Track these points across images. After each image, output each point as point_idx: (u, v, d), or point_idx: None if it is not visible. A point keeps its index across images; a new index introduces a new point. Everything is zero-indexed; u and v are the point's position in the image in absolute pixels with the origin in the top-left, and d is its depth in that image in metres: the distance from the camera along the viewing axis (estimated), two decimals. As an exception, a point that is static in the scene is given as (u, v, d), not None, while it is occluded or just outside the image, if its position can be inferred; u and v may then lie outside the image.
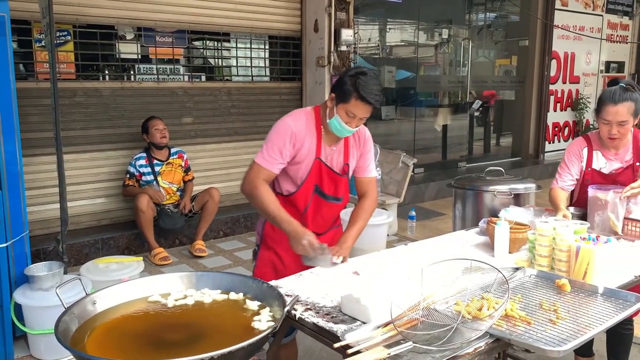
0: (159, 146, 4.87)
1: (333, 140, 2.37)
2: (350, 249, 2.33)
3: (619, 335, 2.72)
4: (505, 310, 1.69)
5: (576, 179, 2.79)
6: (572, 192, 2.93)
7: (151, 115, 4.91)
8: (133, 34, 5.17)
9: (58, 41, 4.63)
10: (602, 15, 9.48)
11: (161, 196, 4.80)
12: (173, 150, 5.00)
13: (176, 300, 1.80)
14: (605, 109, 2.56)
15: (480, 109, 8.54)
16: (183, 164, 5.03)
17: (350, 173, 2.46)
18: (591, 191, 2.65)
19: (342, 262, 2.24)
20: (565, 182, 2.80)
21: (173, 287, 1.86)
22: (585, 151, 2.77)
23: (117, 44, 5.10)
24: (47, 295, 3.00)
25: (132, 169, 4.82)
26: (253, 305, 1.75)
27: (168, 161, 4.93)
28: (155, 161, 4.86)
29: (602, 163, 2.74)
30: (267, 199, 2.25)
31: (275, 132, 2.29)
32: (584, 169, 2.77)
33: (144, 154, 4.87)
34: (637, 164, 2.66)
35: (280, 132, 2.27)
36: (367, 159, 2.49)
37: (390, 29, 8.18)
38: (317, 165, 2.34)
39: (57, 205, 3.59)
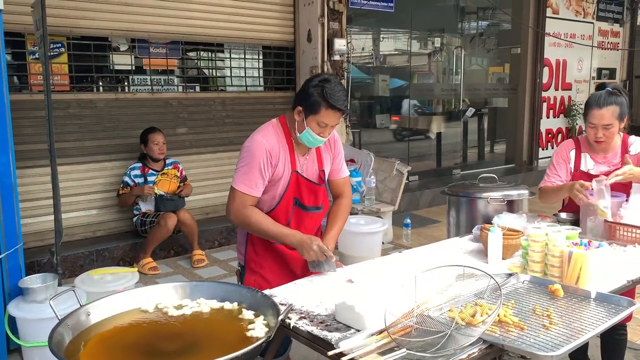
0: (155, 159, 4.87)
1: (305, 150, 2.34)
2: (332, 250, 2.32)
3: (613, 340, 2.74)
4: (498, 316, 1.70)
5: (565, 181, 2.81)
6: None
7: (151, 127, 4.88)
8: (127, 45, 5.19)
9: (52, 53, 4.65)
10: (592, 23, 9.58)
11: (151, 190, 4.76)
12: (168, 161, 5.01)
13: (174, 309, 1.80)
14: (591, 112, 2.62)
15: (474, 116, 8.59)
16: (179, 175, 5.03)
17: (326, 178, 2.44)
18: (583, 197, 2.66)
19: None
20: (553, 183, 2.82)
21: (167, 298, 1.86)
22: (572, 153, 2.82)
23: (111, 55, 5.11)
24: (41, 308, 2.99)
25: (127, 179, 4.81)
26: (247, 314, 1.75)
27: (163, 171, 4.94)
28: (150, 171, 4.86)
29: (590, 165, 2.77)
30: (264, 223, 2.23)
31: (250, 153, 2.21)
32: (572, 171, 2.80)
33: (139, 164, 4.87)
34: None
35: (255, 153, 2.20)
36: (340, 161, 2.48)
37: (383, 38, 8.23)
38: (295, 178, 2.30)
39: (52, 217, 3.58)
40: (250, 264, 2.38)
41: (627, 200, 2.59)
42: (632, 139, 2.75)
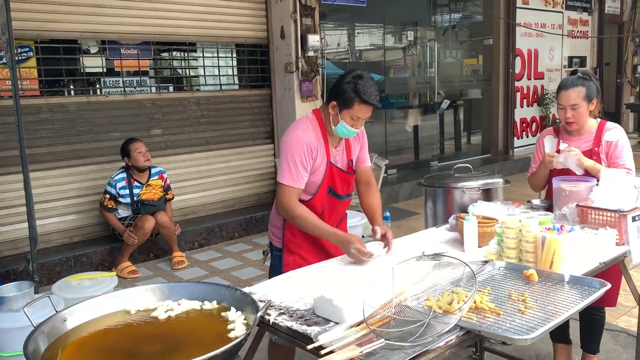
0: (142, 169, 4.76)
1: (336, 141, 2.49)
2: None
3: (592, 321, 2.82)
4: (475, 302, 1.72)
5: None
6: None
7: (129, 138, 4.77)
8: (97, 48, 5.11)
9: (20, 58, 4.55)
10: (562, 12, 9.74)
11: (131, 239, 4.63)
12: (154, 171, 4.88)
13: (153, 311, 1.78)
14: (559, 95, 2.80)
15: (449, 108, 8.66)
16: (163, 184, 4.93)
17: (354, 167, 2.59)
18: (555, 182, 2.72)
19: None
20: (534, 170, 3.00)
21: (145, 300, 1.85)
22: (548, 139, 2.96)
23: (81, 58, 5.03)
24: (18, 316, 2.93)
25: (112, 190, 4.66)
26: (227, 313, 1.75)
27: (148, 183, 4.82)
28: (135, 183, 4.74)
29: (563, 147, 2.86)
30: (309, 219, 2.36)
31: (292, 148, 2.34)
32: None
33: (124, 175, 4.72)
34: (596, 148, 2.80)
35: (297, 147, 2.33)
36: (366, 150, 2.65)
37: (357, 33, 8.24)
38: (330, 169, 2.45)
39: (26, 225, 3.52)
40: (289, 245, 2.51)
41: (597, 185, 2.64)
42: (611, 125, 2.85)
